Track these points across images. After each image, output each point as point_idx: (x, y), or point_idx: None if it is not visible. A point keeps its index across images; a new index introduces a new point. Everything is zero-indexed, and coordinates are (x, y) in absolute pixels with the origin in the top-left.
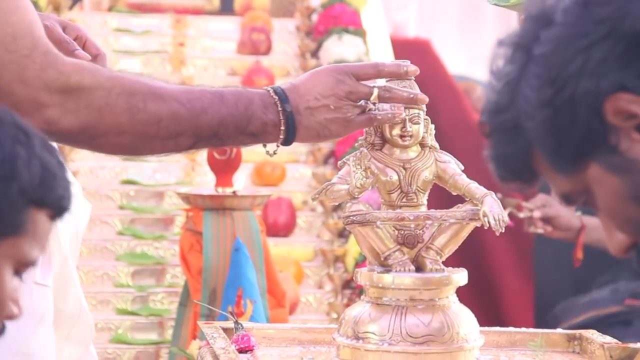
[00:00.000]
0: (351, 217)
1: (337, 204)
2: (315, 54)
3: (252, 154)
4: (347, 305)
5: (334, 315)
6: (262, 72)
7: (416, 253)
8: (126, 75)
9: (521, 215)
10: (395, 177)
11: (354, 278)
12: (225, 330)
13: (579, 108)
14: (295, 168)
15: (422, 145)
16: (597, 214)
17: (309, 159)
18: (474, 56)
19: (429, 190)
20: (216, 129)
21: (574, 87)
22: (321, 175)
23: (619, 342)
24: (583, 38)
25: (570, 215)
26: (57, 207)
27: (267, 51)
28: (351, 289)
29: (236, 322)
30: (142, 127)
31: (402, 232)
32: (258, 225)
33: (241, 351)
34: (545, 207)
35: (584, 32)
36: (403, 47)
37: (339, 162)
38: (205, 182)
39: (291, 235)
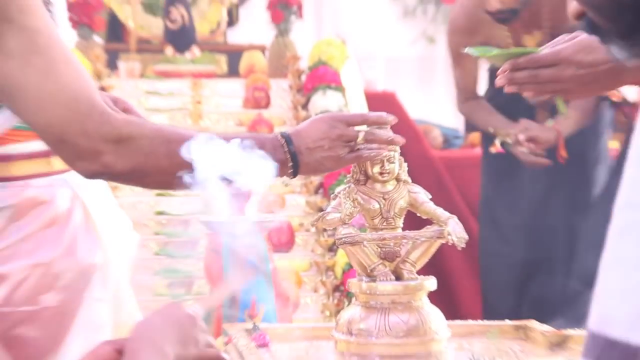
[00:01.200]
0: (343, 239)
1: (330, 228)
2: (305, 106)
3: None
4: (337, 305)
5: (327, 313)
6: (264, 123)
7: (395, 265)
8: (165, 126)
9: (508, 140)
10: (377, 206)
11: (345, 286)
12: (245, 330)
13: None
14: (292, 197)
15: (397, 180)
16: None
17: (303, 189)
18: (429, 104)
19: (404, 216)
20: None
21: None
22: (313, 203)
23: (556, 330)
24: None
25: (546, 130)
26: None
27: (267, 105)
28: (340, 292)
29: (254, 324)
30: (178, 168)
31: (384, 249)
32: (266, 244)
33: (259, 347)
34: (527, 130)
35: None
36: (373, 99)
37: (332, 195)
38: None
39: (291, 250)
